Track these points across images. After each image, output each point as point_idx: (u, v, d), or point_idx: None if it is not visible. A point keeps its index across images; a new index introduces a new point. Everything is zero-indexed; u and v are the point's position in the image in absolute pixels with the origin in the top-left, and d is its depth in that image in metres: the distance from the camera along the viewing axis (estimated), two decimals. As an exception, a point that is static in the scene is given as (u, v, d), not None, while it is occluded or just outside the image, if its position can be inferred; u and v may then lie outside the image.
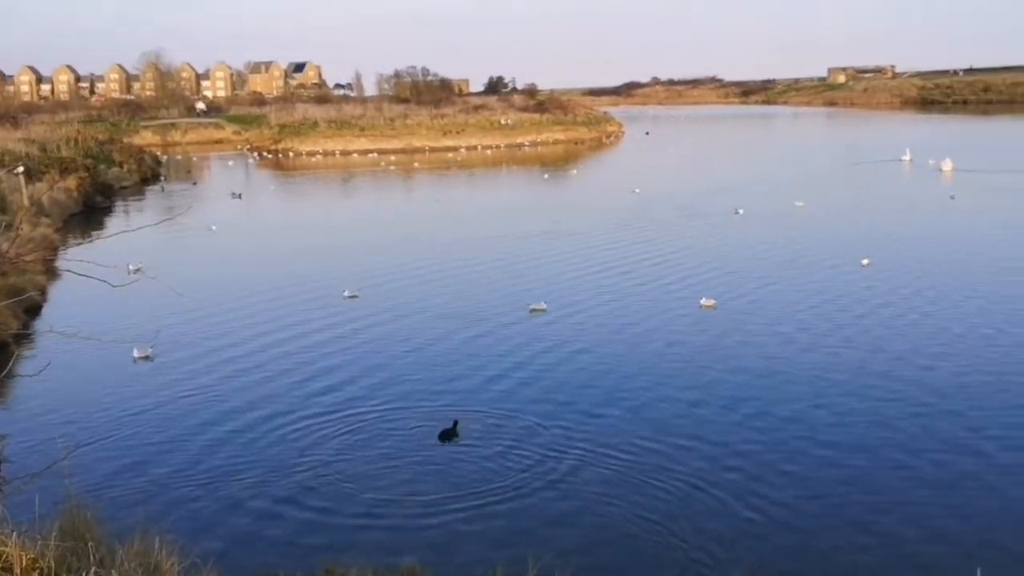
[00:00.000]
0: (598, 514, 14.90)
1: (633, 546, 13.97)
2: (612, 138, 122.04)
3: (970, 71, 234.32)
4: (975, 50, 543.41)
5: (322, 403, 20.15)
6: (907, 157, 72.03)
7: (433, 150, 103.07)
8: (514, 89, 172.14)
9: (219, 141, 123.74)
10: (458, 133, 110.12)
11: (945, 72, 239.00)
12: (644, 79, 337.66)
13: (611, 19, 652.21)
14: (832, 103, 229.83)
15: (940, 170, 64.53)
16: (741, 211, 46.10)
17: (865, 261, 32.19)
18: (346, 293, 30.17)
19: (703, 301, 27.52)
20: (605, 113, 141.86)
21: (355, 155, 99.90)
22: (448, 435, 18.10)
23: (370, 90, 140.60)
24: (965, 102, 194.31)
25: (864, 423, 18.14)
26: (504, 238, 41.30)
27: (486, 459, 17.02)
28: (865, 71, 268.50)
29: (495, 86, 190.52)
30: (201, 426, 19.05)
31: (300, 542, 14.34)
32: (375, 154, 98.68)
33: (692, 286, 30.03)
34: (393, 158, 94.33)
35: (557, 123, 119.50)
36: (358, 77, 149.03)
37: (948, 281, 29.78)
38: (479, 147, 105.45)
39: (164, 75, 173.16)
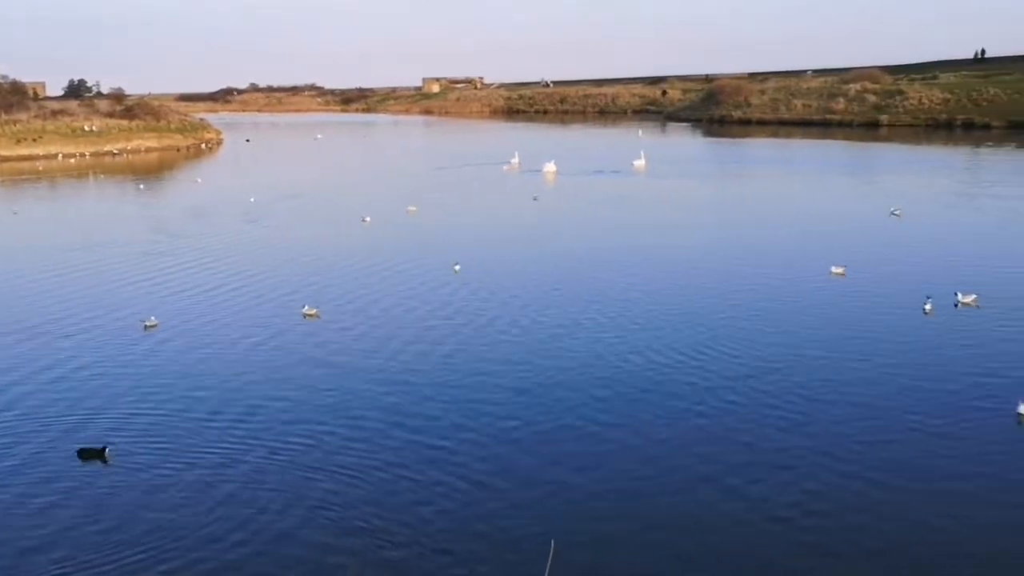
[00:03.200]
0: (240, 528, 14.86)
1: (278, 556, 14.06)
2: (211, 145, 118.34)
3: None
4: (551, 65, 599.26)
5: None
6: (515, 160, 77.77)
7: (6, 159, 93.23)
8: (99, 93, 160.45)
9: None
10: (35, 140, 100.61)
11: (528, 84, 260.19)
12: (242, 85, 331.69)
13: (206, 23, 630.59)
14: (428, 111, 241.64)
15: (543, 172, 70.70)
16: (368, 218, 47.20)
17: (457, 267, 34.48)
18: None
19: (305, 309, 28.18)
20: (202, 120, 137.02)
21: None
22: (90, 454, 17.38)
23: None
24: (545, 112, 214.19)
25: (450, 410, 19.88)
26: (100, 251, 38.97)
27: (95, 475, 16.17)
28: (457, 82, 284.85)
29: (77, 90, 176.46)
30: None
31: None
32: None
33: (298, 295, 30.57)
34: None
35: (149, 130, 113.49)
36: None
37: (519, 280, 32.85)
38: (60, 155, 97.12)
39: None
